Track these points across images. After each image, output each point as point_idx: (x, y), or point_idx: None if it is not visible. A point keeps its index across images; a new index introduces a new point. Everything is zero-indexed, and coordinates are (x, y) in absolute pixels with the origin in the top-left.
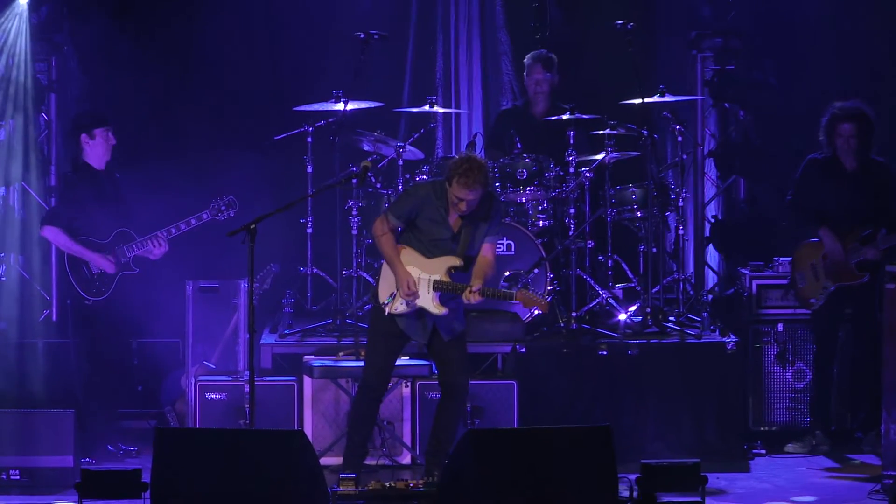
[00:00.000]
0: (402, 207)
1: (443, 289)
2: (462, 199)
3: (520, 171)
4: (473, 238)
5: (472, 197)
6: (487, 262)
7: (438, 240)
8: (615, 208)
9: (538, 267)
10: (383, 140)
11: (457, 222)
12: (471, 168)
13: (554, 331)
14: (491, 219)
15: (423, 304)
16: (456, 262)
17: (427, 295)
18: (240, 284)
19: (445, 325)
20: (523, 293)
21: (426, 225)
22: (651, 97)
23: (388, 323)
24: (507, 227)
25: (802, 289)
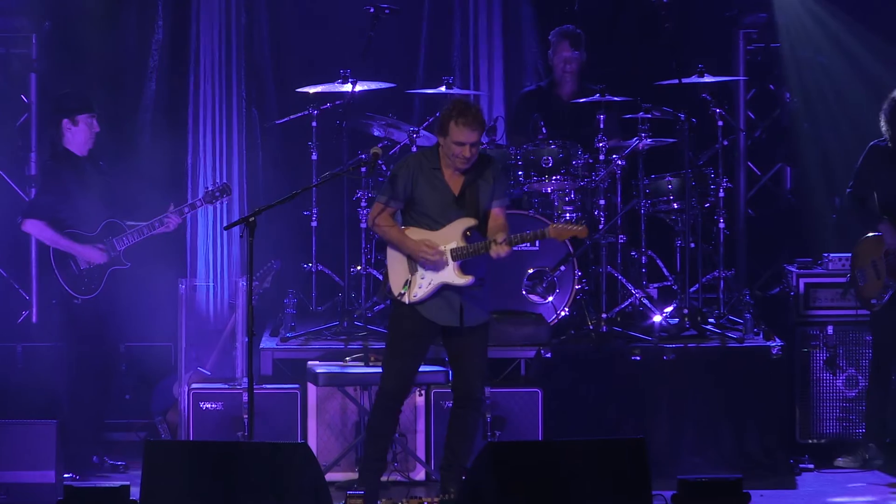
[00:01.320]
0: (394, 185)
1: (463, 255)
2: (463, 142)
3: (545, 158)
4: (479, 198)
5: (473, 138)
6: (502, 223)
7: (442, 207)
8: (649, 200)
9: (565, 264)
10: (395, 124)
11: (457, 182)
12: (466, 106)
13: (582, 334)
14: (494, 179)
15: (446, 279)
16: (470, 222)
17: (447, 267)
18: (237, 282)
19: (472, 307)
20: (555, 226)
21: (424, 194)
22: (689, 78)
23: (410, 322)
24: (530, 219)
25: (862, 287)
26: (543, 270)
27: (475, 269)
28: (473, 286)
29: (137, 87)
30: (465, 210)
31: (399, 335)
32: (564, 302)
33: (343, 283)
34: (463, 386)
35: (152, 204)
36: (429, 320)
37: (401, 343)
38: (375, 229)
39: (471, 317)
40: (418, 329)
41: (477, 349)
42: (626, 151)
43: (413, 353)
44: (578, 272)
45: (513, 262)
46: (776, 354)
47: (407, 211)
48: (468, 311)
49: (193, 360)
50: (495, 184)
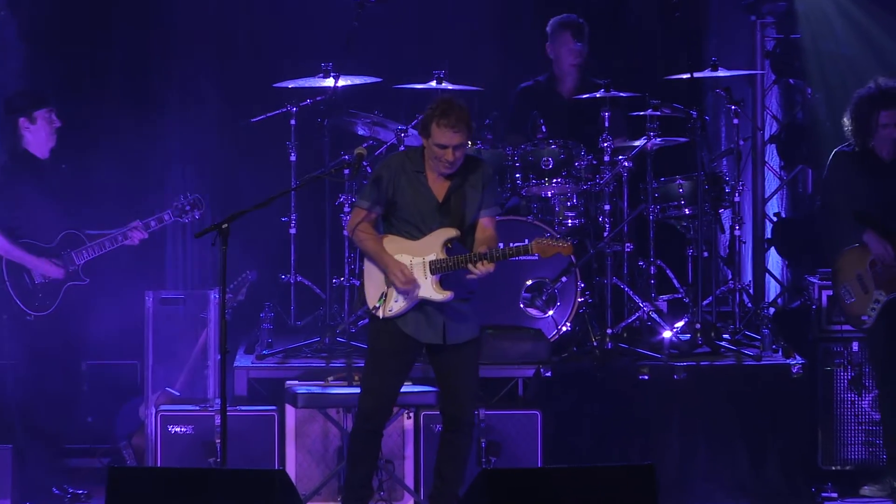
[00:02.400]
0: (373, 188)
1: (442, 268)
2: (447, 144)
3: (545, 159)
4: (465, 206)
5: (457, 140)
6: (490, 235)
7: (424, 214)
8: (659, 204)
9: (566, 275)
10: (381, 122)
11: (441, 188)
12: (450, 106)
13: (585, 351)
14: (483, 186)
15: (424, 294)
16: (451, 232)
17: (425, 281)
18: (209, 295)
19: (455, 323)
20: (539, 242)
21: (406, 199)
22: (702, 72)
23: (389, 337)
24: (529, 226)
25: (850, 305)
26: (543, 282)
27: (461, 283)
28: (458, 300)
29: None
30: (449, 219)
31: (377, 351)
32: (566, 316)
33: (324, 295)
34: (452, 408)
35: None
36: (409, 336)
37: (379, 359)
38: (354, 238)
39: (455, 334)
40: (398, 345)
41: (466, 368)
42: (634, 152)
43: (393, 371)
44: (581, 284)
45: (509, 272)
46: (797, 373)
47: (387, 217)
48: (452, 327)
49: (161, 380)
50: (484, 191)
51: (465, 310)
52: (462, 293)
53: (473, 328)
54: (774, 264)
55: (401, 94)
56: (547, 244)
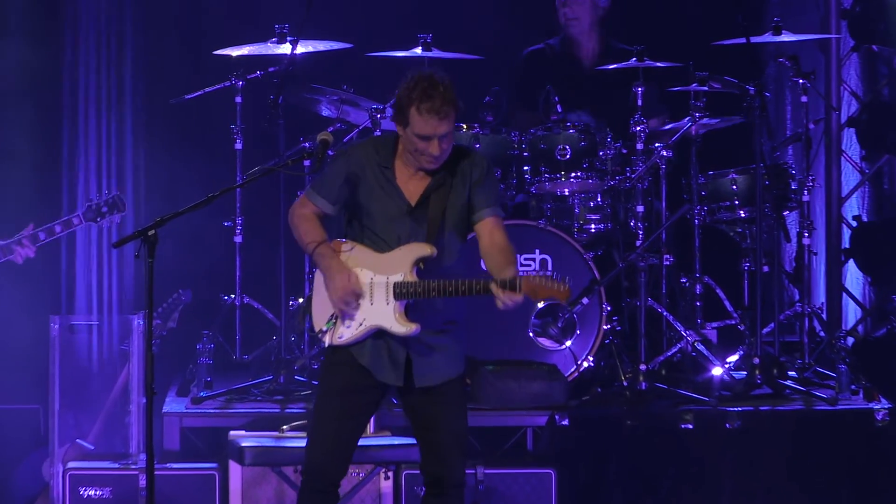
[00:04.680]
0: (327, 178)
1: (409, 294)
2: (431, 135)
3: (561, 147)
4: (449, 208)
5: (444, 128)
6: (504, 246)
7: (389, 220)
8: (706, 205)
9: (589, 294)
10: (351, 100)
11: (416, 187)
12: (432, 84)
13: (613, 392)
14: (476, 182)
15: (383, 323)
16: (424, 249)
17: (386, 307)
18: (132, 321)
19: (425, 360)
20: (529, 279)
21: (369, 201)
22: (761, 36)
23: (344, 370)
24: (540, 232)
25: None
26: (559, 304)
27: (435, 310)
28: (430, 332)
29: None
30: (423, 228)
31: (329, 388)
32: (588, 348)
33: (279, 321)
34: (433, 466)
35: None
36: (366, 367)
37: (330, 399)
38: (291, 224)
39: (424, 373)
40: (355, 380)
41: (446, 415)
42: (675, 138)
43: (348, 414)
44: (607, 307)
45: None
46: (881, 420)
47: (349, 221)
48: (420, 365)
49: (71, 429)
50: (478, 188)
51: (440, 343)
52: (437, 323)
53: (452, 365)
54: (854, 282)
55: (376, 65)
56: (538, 284)
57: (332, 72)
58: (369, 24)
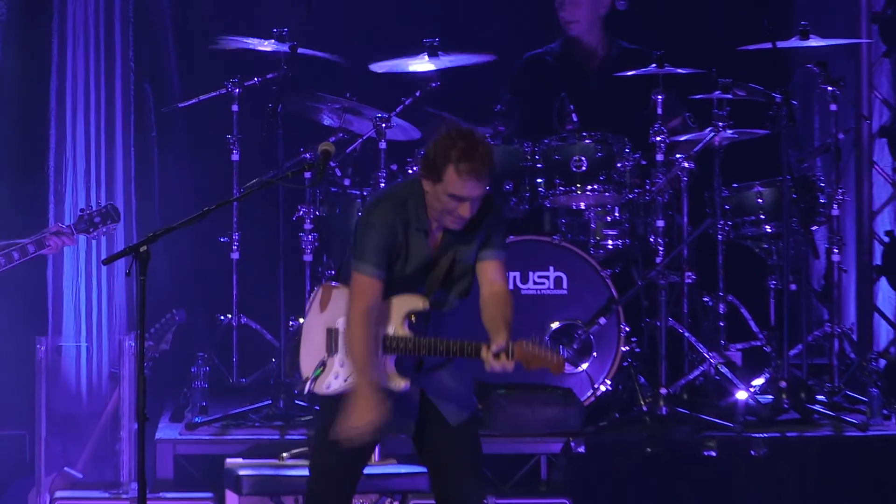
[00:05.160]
0: (375, 246)
1: (397, 349)
2: (467, 196)
3: (576, 158)
4: (458, 258)
5: (479, 191)
6: (503, 297)
7: (414, 276)
8: (730, 219)
9: (606, 315)
10: (355, 109)
11: (438, 239)
12: (473, 145)
13: (632, 418)
14: (492, 226)
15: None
16: (417, 303)
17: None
18: (122, 342)
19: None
20: (522, 347)
21: (399, 259)
22: (788, 40)
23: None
24: (555, 248)
25: None
26: (574, 324)
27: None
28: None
29: None
30: (431, 276)
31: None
32: (605, 371)
33: (278, 343)
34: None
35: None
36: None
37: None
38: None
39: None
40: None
41: (461, 439)
42: (697, 149)
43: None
44: (626, 327)
45: (528, 311)
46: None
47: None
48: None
49: (58, 456)
50: (495, 232)
51: (451, 383)
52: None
53: (464, 406)
54: (886, 301)
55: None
56: (532, 354)
57: (334, 79)
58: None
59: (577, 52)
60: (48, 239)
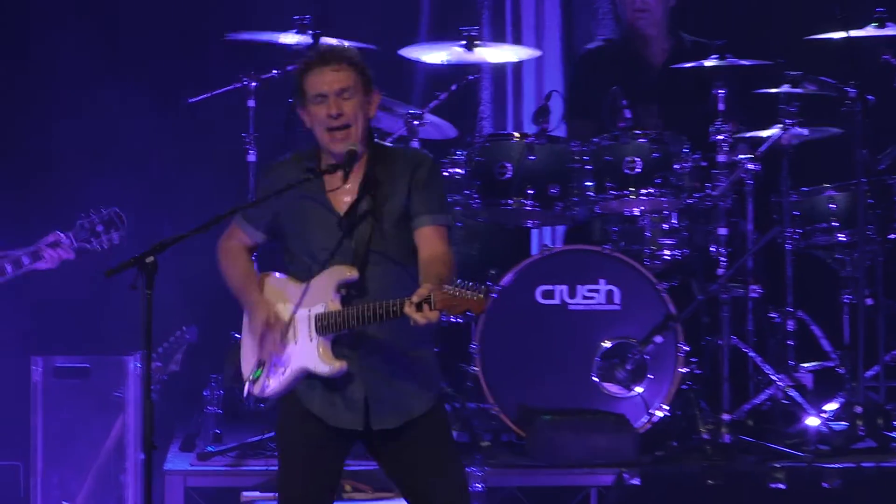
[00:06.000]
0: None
1: (332, 326)
2: (324, 92)
3: (629, 159)
4: (384, 217)
5: (340, 82)
6: (438, 257)
7: (319, 238)
8: (800, 227)
9: (662, 332)
10: (384, 105)
11: (345, 196)
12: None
13: (691, 446)
14: (417, 183)
15: (305, 363)
16: (345, 272)
17: (310, 344)
18: (127, 363)
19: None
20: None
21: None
22: (861, 28)
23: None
24: (605, 259)
25: None
26: (627, 343)
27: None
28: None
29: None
30: (356, 240)
31: (286, 445)
32: (662, 395)
33: None
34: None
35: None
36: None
37: (288, 455)
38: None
39: (382, 414)
40: (309, 431)
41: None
42: (762, 149)
43: (309, 471)
44: (685, 346)
45: (576, 328)
46: None
47: (282, 249)
48: (375, 404)
49: (55, 489)
50: (419, 191)
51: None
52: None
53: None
54: None
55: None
56: (453, 296)
57: None
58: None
59: (640, 44)
60: (44, 251)
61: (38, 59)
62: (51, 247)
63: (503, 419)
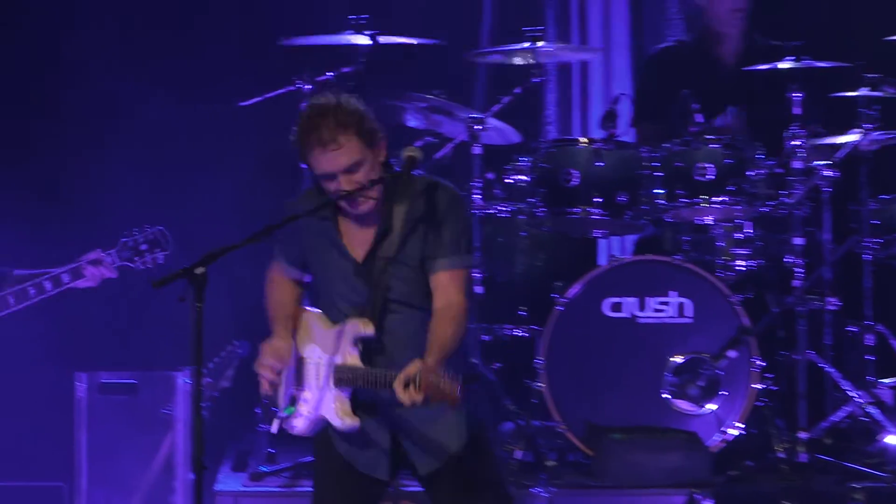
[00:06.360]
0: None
1: (344, 380)
2: (331, 172)
3: (700, 165)
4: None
5: (343, 161)
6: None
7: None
8: (880, 236)
9: (735, 347)
10: (444, 108)
11: (363, 239)
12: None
13: (767, 465)
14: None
15: (325, 413)
16: (360, 328)
17: (329, 393)
18: (176, 379)
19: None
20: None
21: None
22: None
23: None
24: (676, 270)
25: None
26: (699, 358)
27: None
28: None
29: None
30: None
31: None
32: (736, 412)
33: None
34: None
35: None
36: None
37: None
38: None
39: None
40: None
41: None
42: (840, 154)
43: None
44: (760, 361)
45: (645, 342)
46: None
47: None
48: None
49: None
50: (439, 228)
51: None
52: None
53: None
54: None
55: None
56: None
57: (421, 73)
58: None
59: (714, 44)
60: (85, 268)
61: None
62: (92, 264)
63: (569, 437)
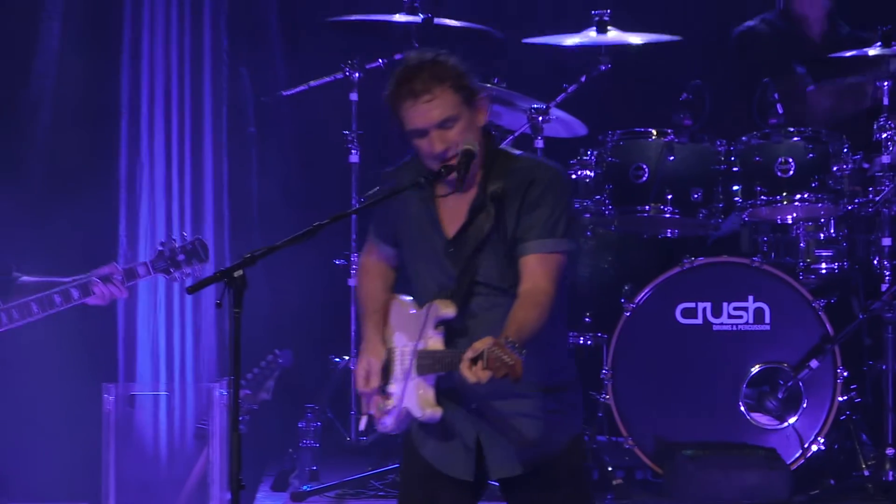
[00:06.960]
0: (377, 214)
1: (427, 367)
2: (424, 127)
3: (781, 160)
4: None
5: (437, 114)
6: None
7: (430, 262)
8: None
9: (819, 356)
10: (505, 98)
11: (457, 213)
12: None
13: (851, 485)
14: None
15: (408, 404)
16: (441, 310)
17: (412, 383)
18: (212, 391)
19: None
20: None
21: (413, 238)
22: None
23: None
24: (755, 273)
25: None
26: (779, 368)
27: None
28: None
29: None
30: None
31: (404, 486)
32: (818, 427)
33: None
34: None
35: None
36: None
37: (410, 486)
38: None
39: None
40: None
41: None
42: None
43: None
44: (844, 371)
45: (722, 351)
46: None
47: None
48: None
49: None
50: (534, 210)
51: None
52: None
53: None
54: None
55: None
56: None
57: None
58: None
59: (801, 26)
60: (94, 285)
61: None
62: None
63: (638, 454)
